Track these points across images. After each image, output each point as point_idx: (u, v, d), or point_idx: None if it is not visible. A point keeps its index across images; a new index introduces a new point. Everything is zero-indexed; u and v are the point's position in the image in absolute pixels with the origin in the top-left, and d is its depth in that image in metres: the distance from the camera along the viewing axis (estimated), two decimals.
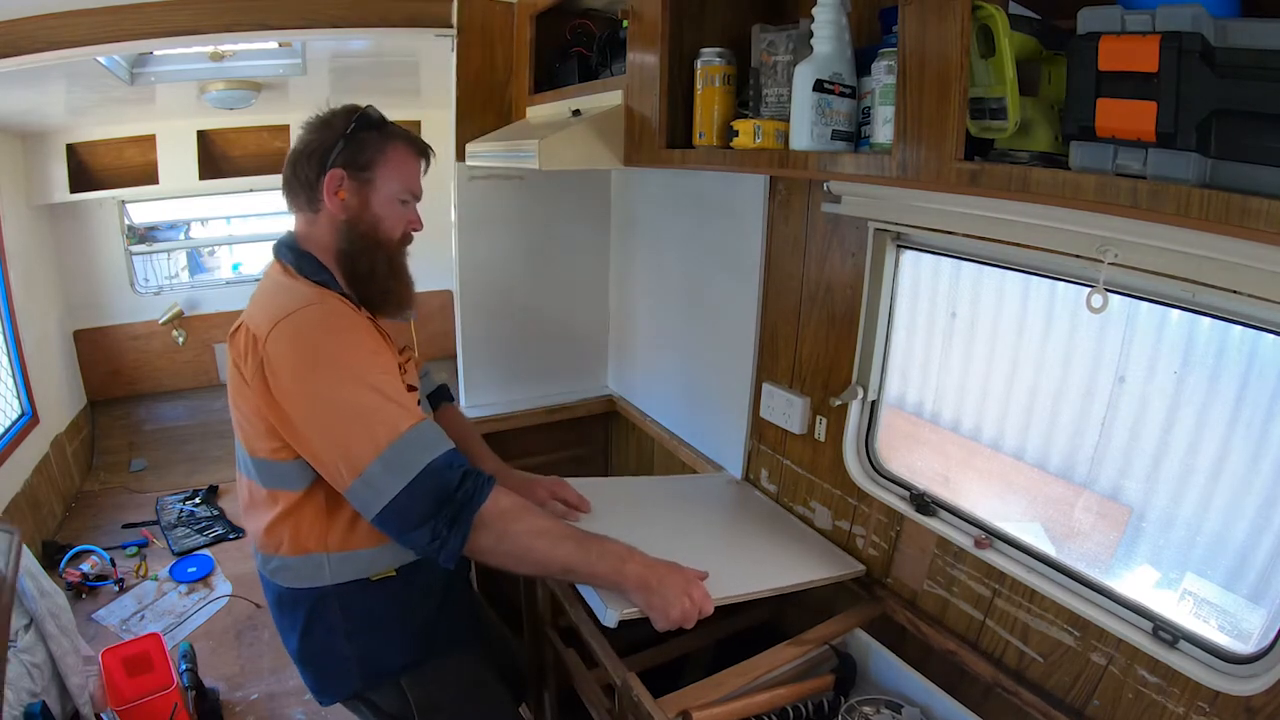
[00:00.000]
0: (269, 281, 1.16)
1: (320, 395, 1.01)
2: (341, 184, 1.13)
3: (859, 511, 1.44)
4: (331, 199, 1.13)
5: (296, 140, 1.18)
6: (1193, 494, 0.99)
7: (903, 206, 1.20)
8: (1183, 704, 0.95)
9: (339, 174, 1.13)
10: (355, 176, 1.14)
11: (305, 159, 1.14)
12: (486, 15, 1.97)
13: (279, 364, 1.01)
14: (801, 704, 1.15)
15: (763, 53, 1.18)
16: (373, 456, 0.99)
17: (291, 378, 1.01)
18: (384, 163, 1.16)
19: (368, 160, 1.14)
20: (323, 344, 1.03)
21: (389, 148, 1.16)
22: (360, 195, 1.15)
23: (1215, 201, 0.61)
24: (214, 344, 3.90)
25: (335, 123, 1.15)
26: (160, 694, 1.94)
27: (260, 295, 1.14)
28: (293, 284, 1.12)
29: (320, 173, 1.13)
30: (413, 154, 1.20)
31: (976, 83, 0.80)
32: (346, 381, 1.02)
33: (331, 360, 1.02)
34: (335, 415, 1.01)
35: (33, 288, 3.19)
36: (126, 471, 3.59)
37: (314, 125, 1.17)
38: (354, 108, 1.17)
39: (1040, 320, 1.16)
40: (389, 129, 1.18)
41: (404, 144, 1.19)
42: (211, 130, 3.43)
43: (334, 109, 1.18)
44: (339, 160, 1.13)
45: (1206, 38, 0.61)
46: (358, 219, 1.15)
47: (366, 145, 1.15)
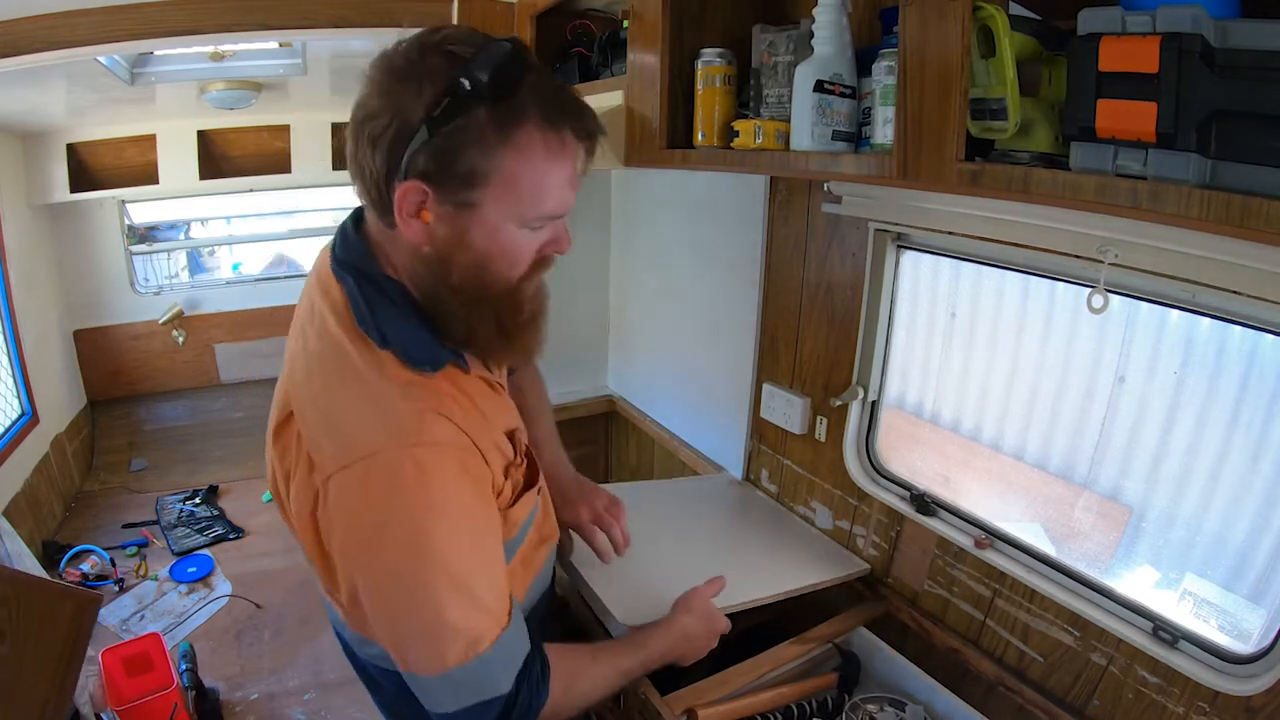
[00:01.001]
0: (329, 347, 0.76)
1: (385, 584, 0.72)
2: (424, 203, 0.71)
3: (859, 511, 1.44)
4: (407, 221, 0.72)
5: (361, 91, 0.73)
6: (1193, 494, 1.00)
7: (903, 207, 1.20)
8: (1183, 704, 0.95)
9: (418, 189, 0.70)
10: (446, 197, 0.71)
11: (366, 141, 0.71)
12: (487, 15, 1.97)
13: (339, 522, 0.72)
14: (805, 702, 1.15)
15: (763, 53, 1.18)
16: (436, 672, 0.74)
17: (355, 546, 0.73)
18: (499, 174, 0.70)
19: (468, 170, 0.69)
20: (406, 520, 0.70)
21: (513, 141, 0.70)
22: (455, 225, 0.72)
23: (1215, 202, 0.61)
24: (214, 344, 3.90)
25: (419, 81, 0.68)
26: (160, 694, 1.94)
27: (316, 375, 0.77)
28: (368, 377, 0.73)
29: (388, 174, 0.70)
30: (558, 145, 0.73)
31: (977, 83, 0.80)
32: (426, 577, 0.71)
33: (412, 545, 0.70)
34: (400, 613, 0.73)
35: (33, 288, 3.19)
36: (126, 471, 3.59)
37: (384, 73, 0.71)
38: (455, 53, 0.69)
39: (1040, 320, 1.16)
40: (517, 99, 0.69)
41: (543, 129, 0.71)
42: (211, 130, 3.43)
43: (422, 40, 0.71)
44: (419, 164, 0.69)
45: (1207, 38, 0.61)
46: (449, 258, 0.74)
47: (469, 140, 0.68)
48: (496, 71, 0.68)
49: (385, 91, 0.70)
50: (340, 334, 0.75)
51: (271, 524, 3.19)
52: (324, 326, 0.77)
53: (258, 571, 2.83)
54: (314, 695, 2.23)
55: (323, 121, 3.56)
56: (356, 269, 0.78)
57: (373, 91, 0.71)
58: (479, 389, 0.83)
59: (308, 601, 2.65)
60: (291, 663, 2.36)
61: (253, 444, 3.80)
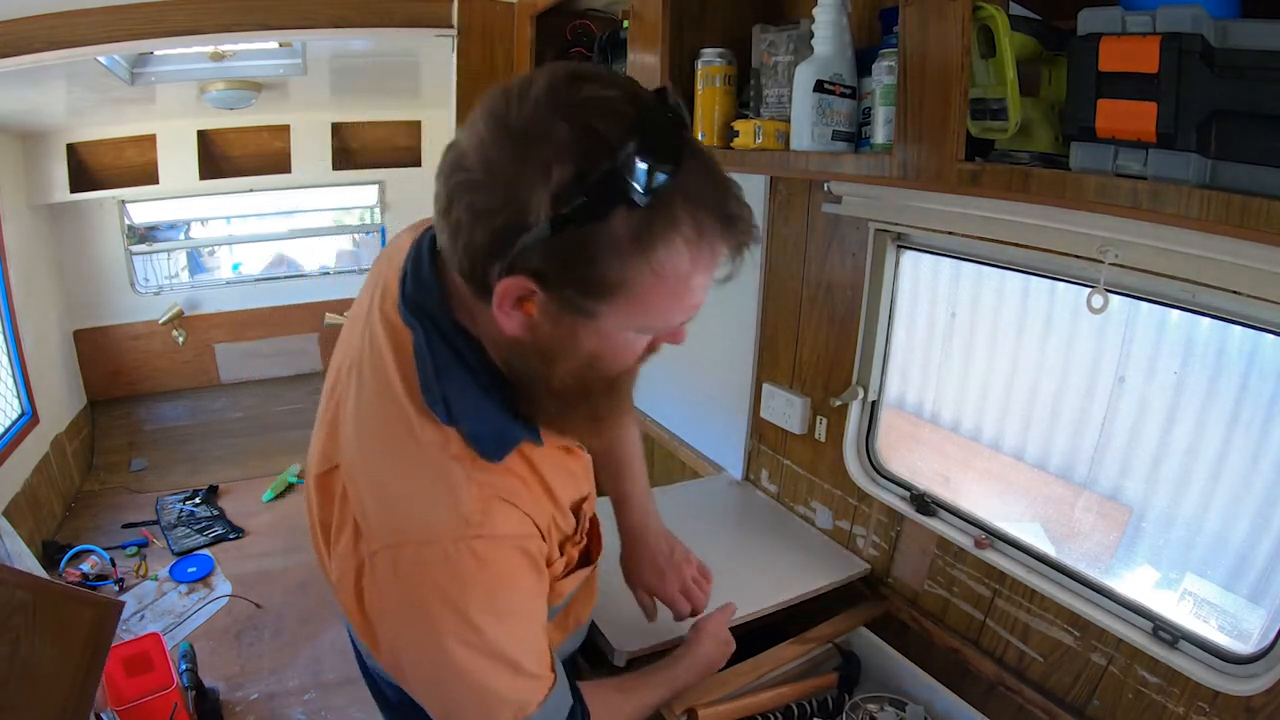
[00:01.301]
0: (389, 407, 0.67)
1: (432, 662, 0.67)
2: (530, 299, 0.59)
3: (859, 511, 1.44)
4: (506, 312, 0.60)
5: (463, 137, 0.59)
6: (1193, 494, 1.00)
7: (903, 207, 1.20)
8: (1183, 704, 0.95)
9: (527, 288, 0.58)
10: (560, 301, 0.59)
11: (465, 208, 0.57)
12: (487, 15, 1.97)
13: (388, 597, 0.67)
14: (806, 701, 1.15)
15: (763, 53, 1.18)
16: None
17: (403, 625, 0.67)
18: (629, 289, 0.57)
19: (593, 280, 0.56)
20: (458, 610, 0.65)
21: (653, 256, 0.56)
22: (563, 325, 0.61)
23: (1215, 201, 0.61)
24: (214, 344, 3.90)
25: (545, 159, 0.54)
26: (160, 694, 1.94)
27: (371, 436, 0.69)
28: (429, 453, 0.66)
29: (490, 256, 0.57)
30: (706, 259, 0.59)
31: (977, 83, 0.80)
32: (475, 659, 0.67)
33: (462, 633, 0.65)
34: (448, 689, 0.69)
35: (33, 288, 3.19)
36: (126, 471, 3.59)
37: (498, 132, 0.56)
38: (596, 129, 0.54)
39: (1040, 320, 1.16)
40: (669, 204, 0.55)
41: (692, 243, 0.57)
42: (211, 130, 3.43)
43: (555, 96, 0.55)
44: (532, 261, 0.56)
45: (1207, 38, 0.61)
46: (551, 357, 0.64)
47: (600, 248, 0.55)
48: (649, 166, 0.53)
49: (498, 160, 0.55)
50: (404, 395, 0.66)
51: (272, 524, 3.19)
52: (385, 377, 0.68)
53: (258, 571, 2.83)
54: (314, 695, 2.23)
55: (323, 121, 3.56)
56: (428, 316, 0.67)
57: (480, 150, 0.56)
58: (552, 458, 0.76)
59: (308, 601, 2.65)
60: (291, 663, 2.36)
61: (253, 444, 3.81)
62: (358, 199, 4.02)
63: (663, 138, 0.55)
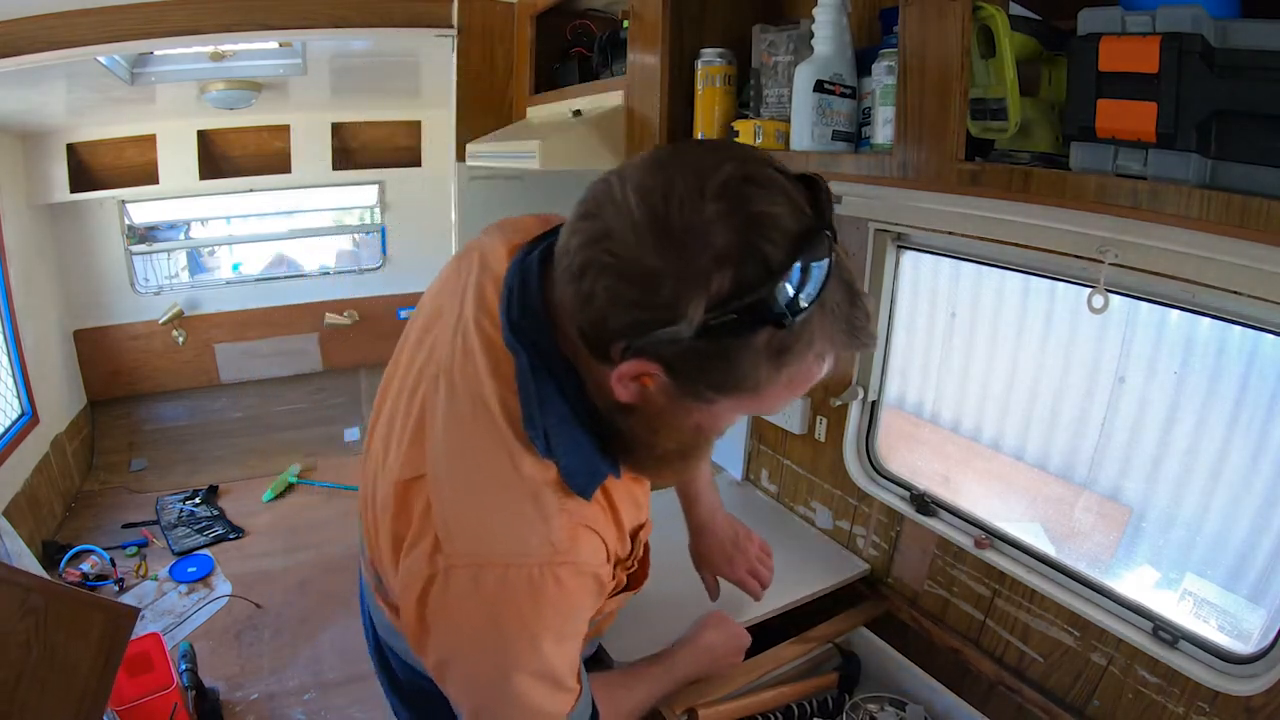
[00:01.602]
0: (487, 429, 0.67)
1: (484, 675, 0.69)
2: (650, 377, 0.60)
3: (859, 512, 1.44)
4: (623, 384, 0.62)
5: (614, 226, 0.56)
6: (1193, 494, 1.00)
7: (903, 207, 1.20)
8: (1182, 704, 0.95)
9: (654, 372, 0.59)
10: (682, 387, 0.60)
11: (605, 291, 0.57)
12: (486, 15, 1.97)
13: (456, 611, 0.67)
14: (806, 701, 1.15)
15: (763, 53, 1.18)
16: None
17: (465, 639, 0.68)
18: (752, 389, 0.60)
19: (722, 381, 0.59)
20: (527, 631, 0.67)
21: (784, 369, 0.58)
22: (680, 406, 0.63)
23: (1215, 202, 0.61)
24: (214, 344, 3.89)
25: (704, 270, 0.53)
26: (160, 694, 1.94)
27: (464, 455, 0.68)
28: (525, 478, 0.67)
29: (619, 336, 0.58)
30: (825, 365, 0.62)
31: (977, 83, 0.80)
32: (527, 680, 0.69)
33: (523, 651, 0.67)
34: (492, 699, 0.70)
35: (33, 288, 3.19)
36: (126, 471, 3.58)
37: (652, 224, 0.54)
38: (758, 246, 0.53)
39: (1040, 320, 1.16)
40: (809, 327, 0.57)
41: (820, 358, 0.60)
42: (211, 130, 3.43)
43: (719, 196, 0.54)
44: (666, 354, 0.57)
45: (1206, 38, 0.61)
46: (658, 427, 0.67)
47: (738, 358, 0.57)
48: (803, 291, 0.54)
49: (651, 255, 0.54)
50: (503, 421, 0.67)
51: (272, 524, 3.19)
52: (483, 399, 0.68)
53: (258, 571, 2.82)
54: (314, 695, 2.23)
55: (323, 121, 3.55)
56: (533, 344, 0.67)
57: (633, 235, 0.55)
58: (622, 486, 0.78)
59: (308, 601, 2.65)
60: (291, 663, 2.36)
61: (253, 444, 3.80)
62: (358, 199, 4.01)
63: (818, 261, 0.55)
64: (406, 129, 3.67)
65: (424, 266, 3.97)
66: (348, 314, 4.00)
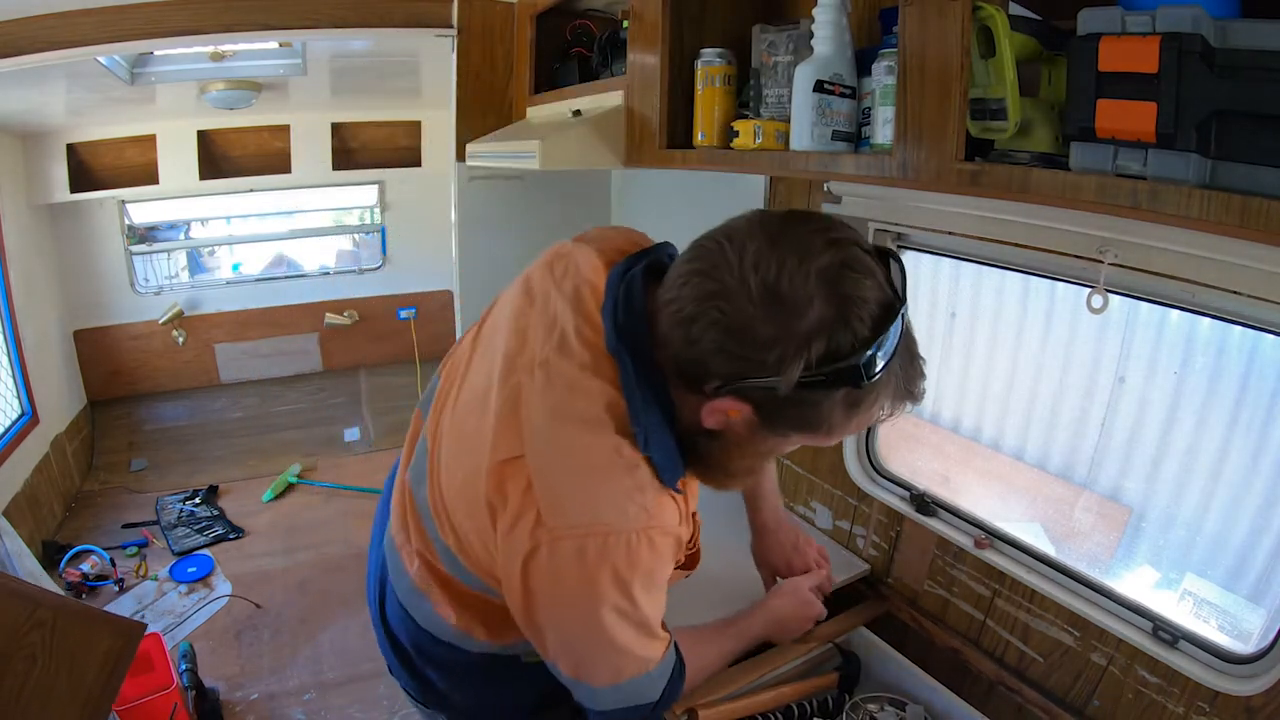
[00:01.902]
0: (595, 419, 0.75)
1: (587, 629, 0.78)
2: (737, 411, 0.72)
3: (859, 512, 1.44)
4: (712, 415, 0.73)
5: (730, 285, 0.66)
6: (1193, 494, 1.00)
7: (903, 207, 1.20)
8: (1182, 704, 0.95)
9: (740, 406, 0.71)
10: (765, 424, 0.72)
11: (713, 342, 0.68)
12: (486, 15, 1.97)
13: (561, 577, 0.75)
14: (806, 701, 1.15)
15: (763, 53, 1.18)
16: (609, 684, 0.83)
17: (565, 601, 0.77)
18: (824, 428, 0.72)
19: (809, 423, 0.71)
20: (625, 587, 0.76)
21: (854, 415, 0.71)
22: (759, 436, 0.75)
23: (1215, 202, 0.61)
24: (214, 344, 3.89)
25: (805, 335, 0.65)
26: (160, 694, 1.94)
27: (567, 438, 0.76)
28: (626, 463, 0.75)
29: (715, 376, 0.69)
30: (886, 412, 0.74)
31: (977, 83, 0.80)
32: (624, 628, 0.79)
33: (620, 607, 0.77)
34: (593, 648, 0.81)
35: (33, 288, 3.19)
36: (126, 471, 3.58)
37: (764, 288, 0.65)
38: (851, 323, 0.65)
39: (1040, 321, 1.16)
40: (879, 385, 0.69)
41: (882, 407, 0.73)
42: (212, 130, 3.43)
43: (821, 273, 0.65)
44: (757, 397, 0.69)
45: (1206, 38, 0.61)
46: (736, 447, 0.78)
47: (818, 408, 0.69)
48: (880, 363, 0.67)
49: (760, 316, 0.65)
50: (608, 417, 0.76)
51: (272, 524, 3.19)
52: (590, 394, 0.76)
53: (258, 571, 2.82)
54: (314, 695, 2.23)
55: (323, 121, 3.55)
56: (634, 351, 0.75)
57: (744, 297, 0.66)
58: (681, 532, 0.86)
59: (308, 601, 2.65)
60: (291, 663, 2.36)
61: (253, 444, 3.80)
62: (358, 199, 4.01)
63: (893, 338, 0.67)
64: (406, 129, 3.67)
65: (424, 266, 3.98)
66: (348, 314, 4.01)
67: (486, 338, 0.91)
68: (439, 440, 0.91)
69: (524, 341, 0.82)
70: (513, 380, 0.80)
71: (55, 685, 1.32)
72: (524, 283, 0.90)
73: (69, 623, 1.34)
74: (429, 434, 0.94)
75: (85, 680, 1.35)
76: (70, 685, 1.34)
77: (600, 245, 0.87)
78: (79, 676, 1.35)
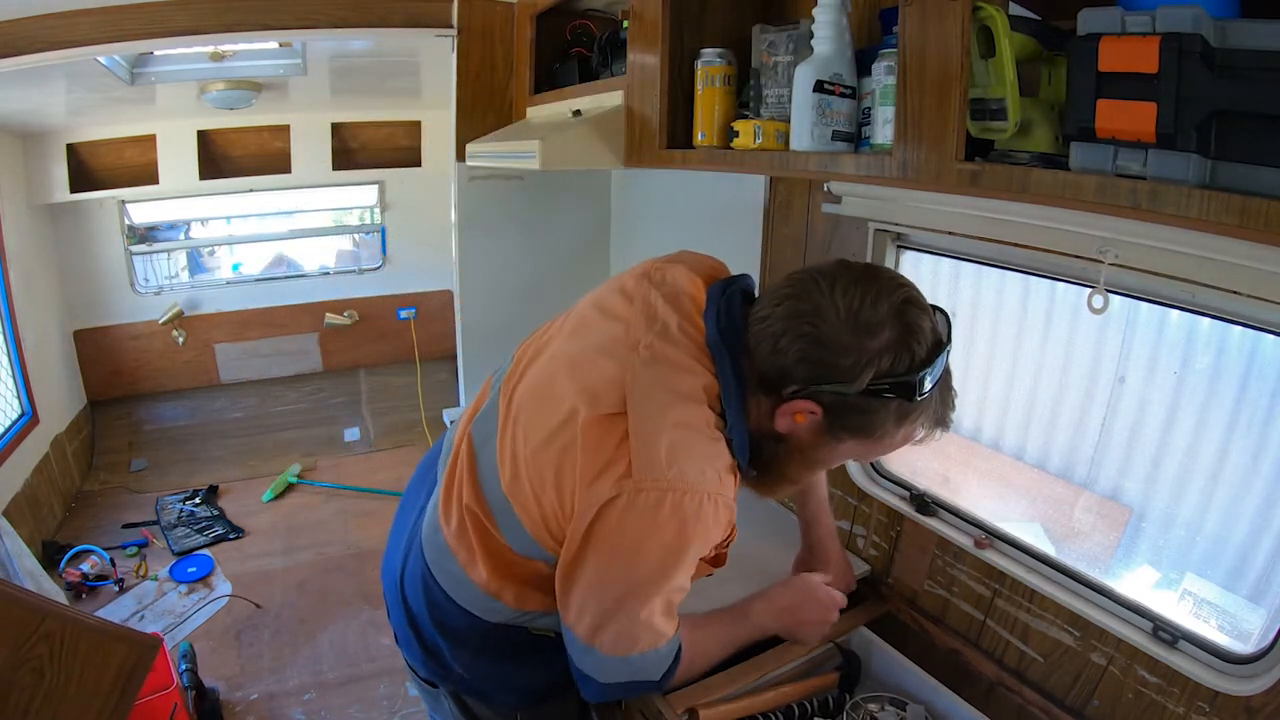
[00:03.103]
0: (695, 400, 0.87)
1: (625, 579, 0.87)
2: (804, 415, 0.85)
3: (859, 511, 1.44)
4: (784, 416, 0.86)
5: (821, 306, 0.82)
6: (1193, 494, 1.00)
7: (903, 207, 1.20)
8: (1182, 704, 0.95)
9: (813, 411, 0.85)
10: (830, 426, 0.86)
11: (798, 352, 0.82)
12: (486, 15, 1.97)
13: (630, 524, 0.83)
14: (807, 701, 1.15)
15: (763, 53, 1.18)
16: (620, 654, 0.92)
17: (625, 547, 0.85)
18: (871, 439, 0.87)
19: (859, 426, 0.85)
20: (683, 539, 0.84)
21: (899, 429, 0.86)
22: (818, 440, 0.88)
23: (1215, 202, 0.61)
24: (214, 344, 3.89)
25: (876, 353, 0.80)
26: (160, 694, 1.94)
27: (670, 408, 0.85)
28: (713, 437, 0.87)
29: (794, 378, 0.83)
30: (922, 433, 0.89)
31: (977, 83, 0.80)
32: (659, 585, 0.88)
33: (668, 556, 0.86)
34: (621, 603, 0.89)
35: (33, 288, 3.18)
36: (126, 471, 3.58)
37: (850, 314, 0.81)
38: (912, 347, 0.81)
39: (1040, 321, 1.16)
40: (923, 404, 0.84)
41: (923, 428, 0.88)
42: (212, 130, 3.42)
43: (898, 306, 0.81)
44: (825, 399, 0.83)
45: (1206, 39, 0.61)
46: (797, 451, 0.90)
47: (874, 413, 0.84)
48: (928, 384, 0.83)
49: (842, 334, 0.81)
50: (705, 400, 0.87)
51: (272, 524, 3.19)
52: (693, 376, 0.88)
53: (257, 571, 2.82)
54: (314, 695, 2.23)
55: (323, 121, 3.55)
56: (730, 351, 0.88)
57: (831, 317, 0.81)
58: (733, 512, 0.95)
59: (308, 601, 2.65)
60: (291, 663, 2.36)
61: (253, 444, 3.80)
62: (358, 199, 4.01)
63: (939, 368, 0.83)
64: (406, 129, 3.67)
65: (424, 266, 3.98)
66: (348, 314, 4.00)
67: (574, 322, 1.02)
68: (514, 401, 0.98)
69: (625, 328, 0.93)
70: (617, 353, 0.91)
71: (64, 700, 1.29)
72: (618, 288, 1.00)
73: (78, 636, 1.31)
74: (504, 397, 1.01)
75: (97, 695, 1.32)
76: (80, 700, 1.31)
77: (693, 265, 0.99)
78: (90, 691, 1.32)
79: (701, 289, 0.95)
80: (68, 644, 1.30)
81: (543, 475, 0.90)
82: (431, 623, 1.05)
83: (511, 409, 0.98)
